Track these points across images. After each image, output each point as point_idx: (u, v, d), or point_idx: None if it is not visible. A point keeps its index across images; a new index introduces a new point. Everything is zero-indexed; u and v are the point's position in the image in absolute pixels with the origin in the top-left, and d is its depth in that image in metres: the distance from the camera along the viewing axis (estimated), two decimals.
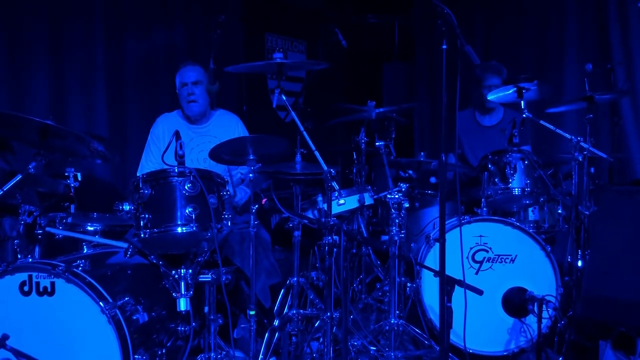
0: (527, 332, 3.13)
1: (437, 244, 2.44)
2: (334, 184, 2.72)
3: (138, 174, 3.40)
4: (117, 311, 2.36)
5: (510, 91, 3.45)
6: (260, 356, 2.97)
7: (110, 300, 2.36)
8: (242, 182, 3.48)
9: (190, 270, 2.59)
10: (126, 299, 2.46)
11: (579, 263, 3.30)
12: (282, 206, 2.91)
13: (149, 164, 3.49)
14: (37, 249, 2.80)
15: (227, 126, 3.51)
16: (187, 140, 3.41)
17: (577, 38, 5.14)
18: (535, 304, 2.97)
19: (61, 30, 4.21)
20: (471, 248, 3.22)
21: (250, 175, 2.77)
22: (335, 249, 2.74)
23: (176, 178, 2.49)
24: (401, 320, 3.15)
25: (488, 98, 3.71)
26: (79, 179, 3.19)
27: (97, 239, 2.97)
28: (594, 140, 3.42)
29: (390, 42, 7.08)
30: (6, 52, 3.94)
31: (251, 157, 2.78)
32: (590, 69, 3.67)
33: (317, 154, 2.75)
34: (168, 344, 2.68)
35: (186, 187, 2.47)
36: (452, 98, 2.39)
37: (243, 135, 3.46)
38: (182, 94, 3.45)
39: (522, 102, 3.41)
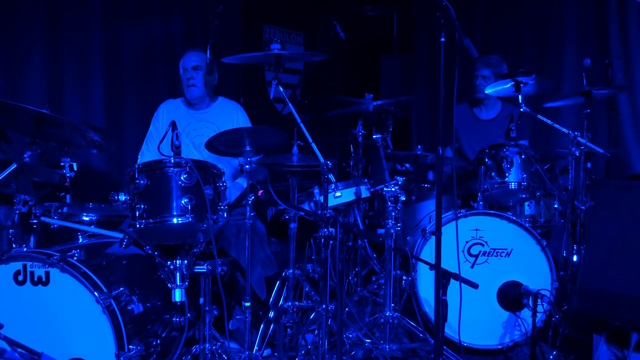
0: (522, 326, 3.14)
1: (433, 237, 2.44)
2: (331, 176, 2.71)
3: (139, 160, 3.42)
4: (112, 301, 2.36)
5: (508, 85, 3.45)
6: (255, 348, 2.98)
7: (105, 290, 2.36)
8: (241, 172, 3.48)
9: (185, 261, 2.58)
10: (121, 289, 2.46)
11: (574, 258, 3.31)
12: (279, 198, 2.90)
13: (150, 149, 3.49)
14: (32, 239, 2.79)
15: (227, 114, 3.51)
16: (185, 124, 3.41)
17: (576, 32, 5.14)
18: (530, 298, 2.98)
19: (58, 17, 4.17)
20: (467, 242, 3.22)
21: (247, 166, 2.76)
22: (331, 242, 2.73)
23: (172, 168, 2.48)
24: (396, 313, 3.16)
25: (485, 91, 3.70)
26: (75, 168, 3.18)
27: (92, 229, 2.96)
28: (591, 135, 3.43)
29: (388, 34, 7.06)
30: (1, 39, 3.91)
31: (248, 149, 2.77)
32: (589, 63, 3.67)
33: (314, 146, 2.74)
34: (163, 335, 2.68)
35: (182, 178, 2.46)
36: (450, 91, 2.38)
37: (242, 124, 3.47)
38: (183, 79, 3.46)
39: (519, 96, 3.40)
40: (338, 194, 3.05)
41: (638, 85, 4.74)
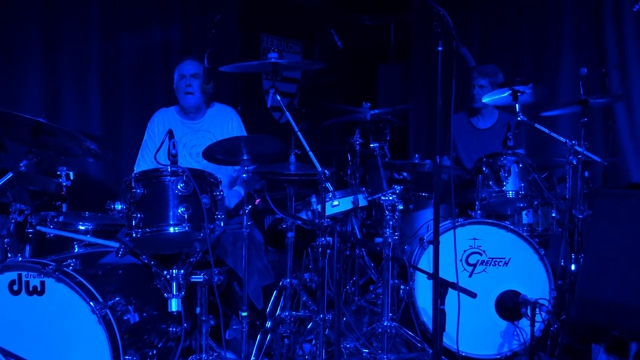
0: (520, 335, 3.13)
1: (431, 247, 2.43)
2: (328, 185, 2.71)
3: (135, 169, 3.41)
4: (108, 311, 2.34)
5: (506, 94, 3.45)
6: (252, 358, 2.96)
7: (101, 300, 2.34)
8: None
9: (182, 271, 2.57)
10: (117, 299, 2.44)
11: (572, 267, 3.31)
12: (276, 207, 2.89)
13: (145, 159, 3.48)
14: (27, 248, 2.78)
15: (222, 121, 3.51)
16: (180, 135, 3.40)
17: (573, 41, 5.16)
18: (529, 307, 2.97)
19: (56, 26, 4.17)
20: (465, 251, 3.21)
21: (244, 175, 2.75)
22: (328, 251, 2.73)
23: (169, 177, 2.46)
24: (394, 323, 3.14)
25: (482, 100, 3.71)
26: (71, 177, 3.16)
27: (88, 238, 2.94)
28: (588, 144, 3.44)
29: (386, 43, 7.09)
30: None
31: (245, 157, 2.76)
32: (585, 72, 3.68)
33: (311, 155, 2.73)
34: (159, 345, 2.66)
35: (179, 187, 2.45)
36: (447, 100, 2.38)
37: (236, 129, 3.49)
38: (179, 86, 3.45)
39: (517, 105, 3.41)
40: (335, 202, 3.04)
41: (635, 94, 4.76)
